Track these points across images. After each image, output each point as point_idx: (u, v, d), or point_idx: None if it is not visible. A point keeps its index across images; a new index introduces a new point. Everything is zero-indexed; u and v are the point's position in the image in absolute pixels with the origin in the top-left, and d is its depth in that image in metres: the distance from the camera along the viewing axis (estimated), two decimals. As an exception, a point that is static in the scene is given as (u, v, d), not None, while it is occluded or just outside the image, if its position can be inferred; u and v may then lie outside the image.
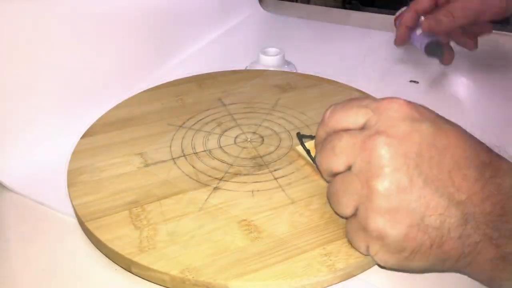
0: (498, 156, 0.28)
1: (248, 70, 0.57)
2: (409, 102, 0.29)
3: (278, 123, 0.46)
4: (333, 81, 0.54)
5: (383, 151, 0.27)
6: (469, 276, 0.30)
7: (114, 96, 0.50)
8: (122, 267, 0.33)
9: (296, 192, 0.37)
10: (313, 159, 0.39)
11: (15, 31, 0.43)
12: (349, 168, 0.29)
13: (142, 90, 0.52)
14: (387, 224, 0.27)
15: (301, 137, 0.41)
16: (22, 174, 0.41)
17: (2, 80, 0.42)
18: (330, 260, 0.31)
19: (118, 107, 0.49)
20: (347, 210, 0.30)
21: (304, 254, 0.31)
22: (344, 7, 1.04)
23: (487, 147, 0.28)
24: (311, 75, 0.56)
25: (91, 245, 0.35)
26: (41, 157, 0.43)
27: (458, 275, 0.32)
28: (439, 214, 0.26)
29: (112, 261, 0.33)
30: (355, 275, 0.32)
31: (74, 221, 0.37)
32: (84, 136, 0.44)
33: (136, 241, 0.33)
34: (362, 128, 0.30)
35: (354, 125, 0.30)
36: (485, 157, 0.27)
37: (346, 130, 0.30)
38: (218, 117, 0.47)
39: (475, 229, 0.26)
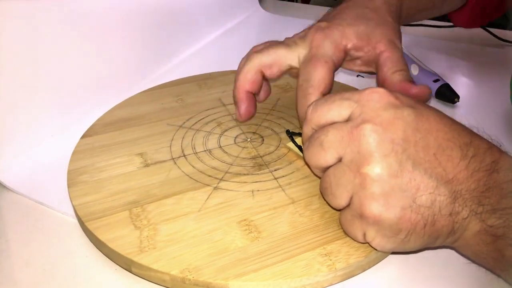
0: (478, 136, 0.29)
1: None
2: (389, 91, 0.30)
3: (278, 123, 0.46)
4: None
5: (371, 139, 0.28)
6: (457, 250, 0.31)
7: (114, 96, 0.50)
8: (122, 267, 0.33)
9: (296, 192, 0.37)
10: None
11: (15, 31, 0.43)
12: (339, 161, 0.30)
13: (142, 90, 0.52)
14: (381, 208, 0.28)
15: (291, 134, 0.42)
16: (22, 174, 0.41)
17: (2, 80, 0.42)
18: (330, 260, 0.31)
19: (118, 107, 0.49)
20: (342, 202, 0.30)
21: (304, 254, 0.31)
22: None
23: (466, 128, 0.30)
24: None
25: (91, 245, 0.35)
26: (41, 157, 0.43)
27: (458, 277, 0.32)
28: (429, 193, 0.27)
29: (112, 261, 0.33)
30: (355, 275, 0.32)
31: (74, 221, 0.37)
32: (84, 136, 0.44)
33: (136, 241, 0.33)
34: (347, 120, 0.30)
35: (339, 118, 0.31)
36: (466, 138, 0.29)
37: (331, 124, 0.31)
38: (218, 117, 0.47)
39: (462, 206, 0.28)
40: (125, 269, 0.33)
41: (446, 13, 0.57)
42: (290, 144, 0.42)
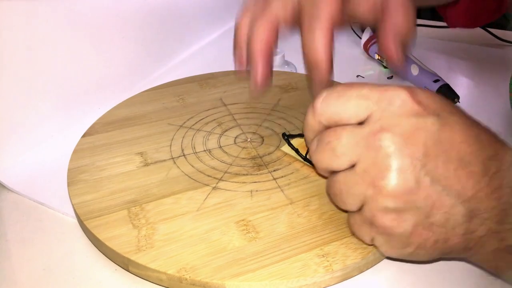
0: (503, 145, 0.28)
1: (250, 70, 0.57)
2: (412, 93, 0.27)
3: (278, 124, 0.46)
4: (334, 81, 0.54)
5: (389, 151, 0.26)
6: (474, 264, 0.31)
7: (114, 96, 0.51)
8: (120, 266, 0.33)
9: (294, 192, 0.37)
10: (304, 157, 0.39)
11: (15, 32, 0.43)
12: (351, 166, 0.28)
13: (143, 90, 0.52)
14: (393, 222, 0.27)
15: (287, 138, 0.41)
16: (22, 174, 0.42)
17: (2, 80, 0.42)
18: (327, 261, 0.31)
19: (119, 106, 0.49)
20: (352, 208, 0.29)
21: (301, 254, 0.31)
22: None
23: (492, 135, 0.28)
24: (313, 76, 0.55)
25: (91, 245, 0.35)
26: (41, 157, 0.44)
27: (456, 278, 0.31)
28: (444, 212, 0.26)
29: (111, 259, 0.33)
30: (352, 277, 0.32)
31: (74, 221, 0.37)
32: (84, 135, 0.44)
33: (134, 240, 0.33)
34: (363, 122, 0.28)
35: (355, 119, 0.28)
36: (491, 150, 0.27)
37: (344, 125, 0.28)
38: (218, 117, 0.47)
39: (479, 225, 0.26)
40: (124, 268, 0.33)
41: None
42: (286, 148, 0.41)
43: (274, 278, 0.30)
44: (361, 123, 0.28)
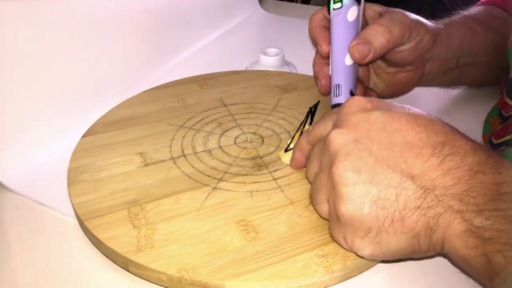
0: (464, 138, 0.29)
1: (250, 70, 0.57)
2: (365, 98, 0.31)
3: (278, 124, 0.46)
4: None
5: (336, 141, 0.30)
6: (450, 260, 0.31)
7: (114, 96, 0.51)
8: (120, 266, 0.33)
9: (295, 193, 0.37)
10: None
11: (16, 32, 0.43)
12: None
13: (143, 90, 0.52)
14: (349, 206, 0.28)
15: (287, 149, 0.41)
16: (22, 174, 0.42)
17: (2, 80, 0.42)
18: (327, 261, 0.31)
19: (119, 107, 0.49)
20: (322, 206, 0.32)
21: (301, 255, 0.31)
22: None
23: (444, 125, 0.29)
24: (312, 76, 0.55)
25: (91, 245, 0.35)
26: (41, 157, 0.44)
27: (456, 278, 0.31)
28: (393, 187, 0.28)
29: (111, 260, 0.33)
30: (352, 277, 0.32)
31: (74, 221, 0.37)
32: (84, 135, 0.44)
33: (134, 240, 0.33)
34: None
35: (326, 132, 0.33)
36: (442, 136, 0.28)
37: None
38: (218, 117, 0.47)
39: (436, 201, 0.27)
40: (124, 269, 0.33)
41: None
42: (286, 159, 0.41)
43: (274, 278, 0.30)
44: None
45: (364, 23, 0.44)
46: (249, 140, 0.44)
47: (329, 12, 0.42)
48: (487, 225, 0.26)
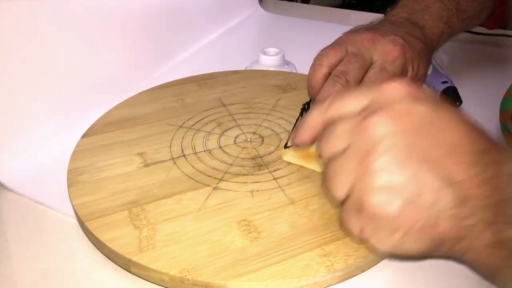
0: (496, 143, 0.28)
1: (249, 70, 0.57)
2: (409, 84, 0.28)
3: (278, 123, 0.46)
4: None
5: (378, 129, 0.27)
6: (468, 266, 0.29)
7: (114, 96, 0.50)
8: (121, 267, 0.33)
9: (295, 192, 0.37)
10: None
11: (15, 32, 0.43)
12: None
13: (142, 91, 0.52)
14: (381, 201, 0.26)
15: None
16: (22, 174, 0.42)
17: (2, 80, 0.42)
18: (329, 260, 0.31)
19: (118, 107, 0.49)
20: (342, 191, 0.29)
21: (303, 254, 0.31)
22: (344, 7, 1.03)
23: (485, 133, 0.28)
24: (312, 76, 0.56)
25: (91, 245, 0.35)
26: (41, 157, 0.43)
27: (458, 278, 0.32)
28: (432, 193, 0.26)
29: (112, 261, 0.33)
30: (353, 276, 0.32)
31: (74, 221, 0.37)
32: (84, 136, 0.44)
33: (136, 241, 0.33)
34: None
35: (354, 111, 0.29)
36: (483, 144, 0.27)
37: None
38: (218, 117, 0.47)
39: (470, 212, 0.26)
40: (125, 269, 0.33)
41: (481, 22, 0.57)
42: (288, 157, 0.41)
43: (276, 278, 0.30)
44: None
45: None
46: (249, 140, 0.44)
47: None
48: None
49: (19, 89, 0.44)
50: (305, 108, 0.42)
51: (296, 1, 1.22)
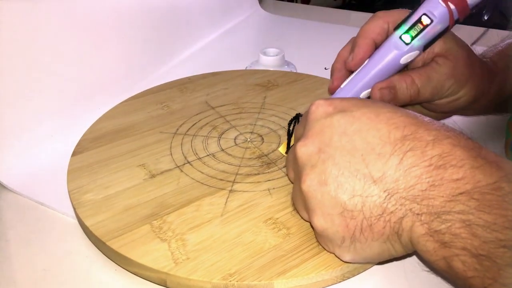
0: (422, 127, 0.27)
1: (226, 71, 0.57)
2: (327, 100, 0.30)
3: (272, 121, 0.47)
4: (311, 75, 0.55)
5: (300, 154, 0.29)
6: (426, 264, 0.30)
7: (114, 96, 0.50)
8: (155, 283, 0.32)
9: (310, 185, 0.38)
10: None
11: (16, 32, 0.42)
12: None
13: (123, 100, 0.50)
14: (321, 219, 0.28)
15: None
16: (22, 174, 0.41)
17: (2, 80, 0.41)
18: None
19: (101, 120, 0.47)
20: (303, 214, 0.32)
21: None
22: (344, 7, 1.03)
23: (410, 119, 0.27)
24: (289, 72, 0.57)
25: (91, 245, 0.35)
26: (41, 157, 0.43)
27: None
28: (358, 196, 0.27)
29: (142, 277, 0.32)
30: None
31: (74, 221, 0.36)
32: (74, 154, 0.42)
33: (167, 253, 0.32)
34: None
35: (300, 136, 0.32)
36: (406, 130, 0.27)
37: None
38: (210, 120, 0.47)
39: (397, 205, 0.26)
40: (160, 285, 0.32)
41: None
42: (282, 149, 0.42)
43: (319, 270, 0.30)
44: None
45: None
46: (249, 140, 0.44)
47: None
48: (444, 229, 0.24)
49: (19, 89, 0.43)
50: (295, 122, 0.42)
51: (296, 2, 1.22)
